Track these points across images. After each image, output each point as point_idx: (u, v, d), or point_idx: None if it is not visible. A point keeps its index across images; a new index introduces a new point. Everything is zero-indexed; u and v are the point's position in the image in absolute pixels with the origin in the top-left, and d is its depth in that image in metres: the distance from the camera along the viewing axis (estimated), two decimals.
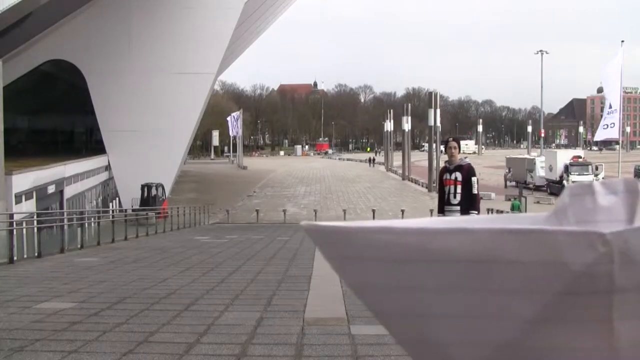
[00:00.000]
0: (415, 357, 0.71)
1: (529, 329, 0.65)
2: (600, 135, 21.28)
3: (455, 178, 7.90)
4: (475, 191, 7.84)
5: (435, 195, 46.34)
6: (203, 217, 33.15)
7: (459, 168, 7.94)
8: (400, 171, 64.46)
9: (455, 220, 0.74)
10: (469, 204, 7.81)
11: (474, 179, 7.91)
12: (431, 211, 33.51)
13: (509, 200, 38.16)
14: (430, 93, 56.21)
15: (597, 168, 45.19)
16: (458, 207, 7.79)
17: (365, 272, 0.67)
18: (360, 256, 0.67)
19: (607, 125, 20.44)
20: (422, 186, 51.81)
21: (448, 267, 0.65)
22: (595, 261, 0.61)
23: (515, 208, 32.00)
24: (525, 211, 26.74)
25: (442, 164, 10.92)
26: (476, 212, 7.91)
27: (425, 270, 0.66)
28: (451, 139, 8.48)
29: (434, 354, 0.70)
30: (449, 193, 7.93)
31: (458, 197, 7.85)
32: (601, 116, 21.03)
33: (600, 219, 0.68)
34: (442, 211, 8.08)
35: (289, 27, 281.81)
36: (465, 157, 8.41)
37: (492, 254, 0.63)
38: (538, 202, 38.60)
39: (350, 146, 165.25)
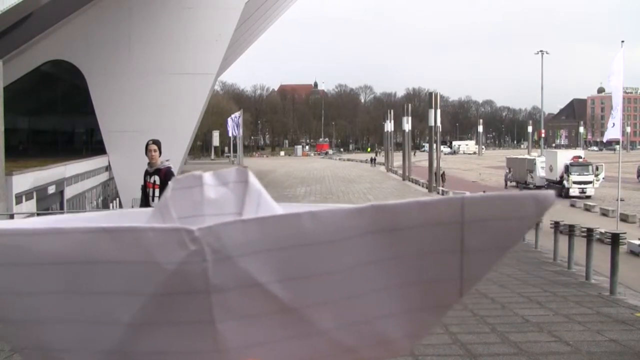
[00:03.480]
0: None
1: (133, 333, 0.61)
2: (607, 135, 21.17)
3: (154, 181, 7.99)
4: None
5: (435, 195, 46.58)
6: None
7: (157, 171, 8.00)
8: (400, 171, 64.46)
9: (60, 219, 0.69)
10: None
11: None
12: None
13: None
14: (431, 93, 56.19)
15: (597, 168, 45.15)
16: None
17: None
18: None
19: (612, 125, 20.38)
20: (423, 186, 51.81)
21: (48, 270, 0.61)
22: (186, 260, 0.57)
23: None
24: None
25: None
26: None
27: (27, 273, 0.61)
28: (151, 141, 8.46)
29: None
30: (149, 196, 8.03)
31: (157, 200, 7.91)
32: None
33: (208, 212, 0.64)
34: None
35: (290, 27, 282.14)
36: (167, 161, 8.37)
37: (89, 255, 0.59)
38: None
39: (351, 146, 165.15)
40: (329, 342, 0.63)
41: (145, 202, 8.17)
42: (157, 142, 8.28)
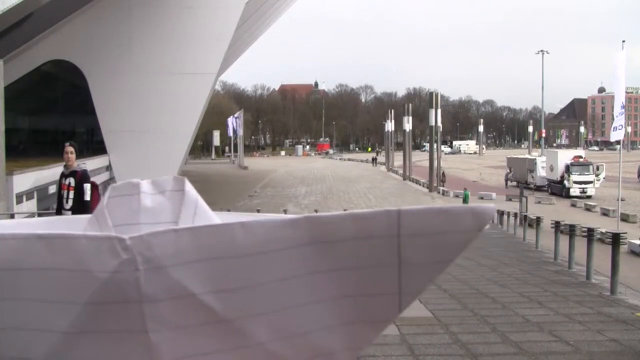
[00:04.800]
0: None
1: (67, 341, 0.60)
2: (614, 136, 21.07)
3: (69, 183, 7.84)
4: (87, 198, 7.66)
5: (436, 195, 46.28)
6: None
7: (73, 174, 7.88)
8: (401, 171, 64.44)
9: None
10: (81, 211, 7.51)
11: (86, 185, 7.79)
12: None
13: (510, 200, 38.13)
14: (431, 93, 56.25)
15: (598, 168, 45.13)
16: (70, 213, 7.67)
17: None
18: None
19: (616, 128, 20.35)
20: (423, 186, 51.79)
21: None
22: (118, 268, 0.57)
23: (466, 199, 35.27)
24: (526, 211, 26.68)
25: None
26: None
27: None
28: (67, 143, 8.27)
29: None
30: (63, 197, 7.88)
31: (70, 202, 7.77)
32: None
33: (144, 221, 0.63)
34: (59, 214, 7.90)
35: (290, 27, 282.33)
36: (84, 164, 8.33)
37: (23, 262, 0.58)
38: (539, 203, 38.56)
39: (351, 146, 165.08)
40: (266, 355, 0.63)
41: (59, 204, 8.10)
42: (73, 145, 8.24)
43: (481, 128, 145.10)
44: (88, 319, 0.59)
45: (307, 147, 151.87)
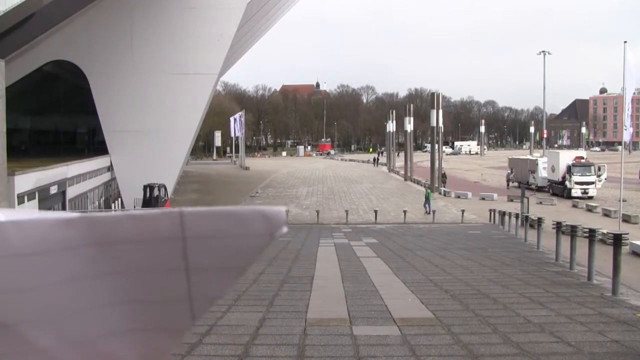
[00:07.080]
0: None
1: None
2: (625, 135, 21.07)
3: None
4: None
5: (437, 195, 46.09)
6: None
7: None
8: (402, 172, 64.45)
9: None
10: None
11: None
12: (434, 212, 33.87)
13: (511, 201, 38.11)
14: (433, 94, 56.21)
15: (599, 169, 45.09)
16: None
17: None
18: None
19: (627, 127, 20.37)
20: (425, 187, 51.80)
21: None
22: None
23: (427, 197, 36.99)
24: (528, 212, 26.67)
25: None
26: None
27: None
28: None
29: None
30: None
31: None
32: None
33: None
34: None
35: (291, 27, 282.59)
36: None
37: None
38: (540, 203, 38.53)
39: (353, 147, 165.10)
40: None
41: None
42: None
43: (483, 129, 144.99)
44: None
45: (309, 147, 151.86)
